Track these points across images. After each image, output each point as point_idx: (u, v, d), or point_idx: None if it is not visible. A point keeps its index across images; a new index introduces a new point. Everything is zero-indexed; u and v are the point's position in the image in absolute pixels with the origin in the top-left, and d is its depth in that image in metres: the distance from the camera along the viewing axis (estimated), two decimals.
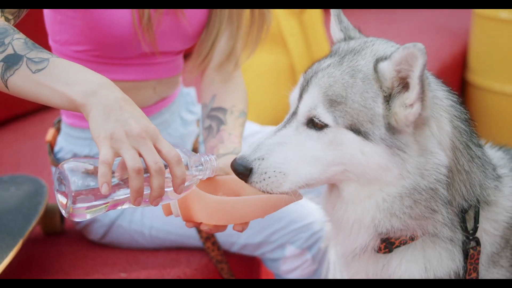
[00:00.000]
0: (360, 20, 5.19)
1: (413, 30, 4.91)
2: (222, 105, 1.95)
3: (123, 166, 1.31)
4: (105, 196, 1.31)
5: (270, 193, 1.47)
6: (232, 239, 2.04)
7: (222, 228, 1.52)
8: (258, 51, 2.08)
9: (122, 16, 1.83)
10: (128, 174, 1.29)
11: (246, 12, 2.00)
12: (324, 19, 3.13)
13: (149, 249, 2.09)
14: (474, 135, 1.56)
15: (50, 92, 1.36)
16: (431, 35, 4.70)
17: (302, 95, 1.50)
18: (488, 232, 1.55)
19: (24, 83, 1.38)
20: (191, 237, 2.04)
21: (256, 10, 1.99)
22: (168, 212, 1.48)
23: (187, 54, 2.11)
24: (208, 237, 2.02)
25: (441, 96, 1.51)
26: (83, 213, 1.33)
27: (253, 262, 2.26)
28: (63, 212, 1.34)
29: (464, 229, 1.52)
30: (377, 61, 1.46)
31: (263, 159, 1.47)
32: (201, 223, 1.48)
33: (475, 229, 1.52)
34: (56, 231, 2.18)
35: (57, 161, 2.05)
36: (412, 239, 1.51)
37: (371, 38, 1.58)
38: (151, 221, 2.04)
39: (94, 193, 1.31)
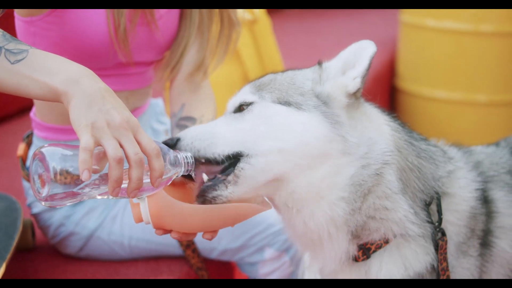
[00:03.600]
0: (287, 35, 5.30)
1: (341, 40, 5.03)
2: (191, 114, 1.97)
3: (101, 156, 1.31)
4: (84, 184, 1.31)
5: (204, 157, 1.48)
6: (212, 245, 2.05)
7: (192, 235, 1.52)
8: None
9: (98, 27, 1.83)
10: (106, 164, 1.30)
11: (216, 23, 2.03)
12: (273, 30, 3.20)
13: (128, 260, 2.08)
14: (412, 132, 1.63)
15: (30, 82, 1.36)
16: None
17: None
18: (452, 223, 1.61)
19: (3, 74, 1.38)
20: (171, 245, 2.05)
21: (226, 21, 2.02)
22: (139, 219, 1.47)
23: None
24: (188, 245, 2.04)
25: (371, 108, 1.60)
26: (61, 200, 1.31)
27: (229, 268, 2.28)
28: (41, 202, 1.31)
29: (430, 222, 1.57)
30: (320, 61, 1.58)
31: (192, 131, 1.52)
32: (171, 230, 1.48)
33: (440, 220, 1.58)
34: (28, 247, 2.14)
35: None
36: (386, 242, 1.55)
37: None
38: (131, 231, 2.04)
39: (73, 179, 1.30)
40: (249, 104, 1.49)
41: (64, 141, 1.99)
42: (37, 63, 1.37)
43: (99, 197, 1.36)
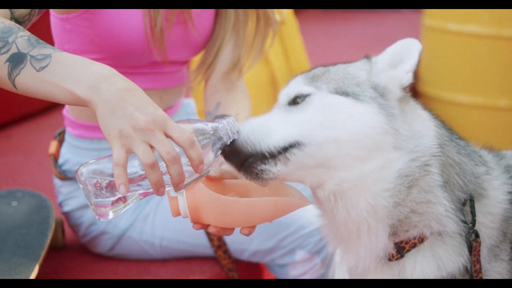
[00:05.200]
0: (308, 38, 5.30)
1: (362, 43, 5.03)
2: (226, 113, 1.96)
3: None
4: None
5: (260, 152, 1.43)
6: (243, 246, 2.04)
7: (230, 231, 1.48)
8: None
9: (134, 25, 1.83)
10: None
11: (252, 21, 2.02)
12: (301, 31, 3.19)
13: (159, 260, 2.08)
14: (451, 129, 1.62)
15: (56, 90, 1.36)
16: (380, 48, 4.81)
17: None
18: (485, 225, 1.58)
19: (31, 81, 1.38)
20: (202, 245, 2.04)
21: (262, 19, 2.01)
22: (176, 212, 1.43)
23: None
24: (220, 246, 2.02)
25: (416, 104, 1.58)
26: (106, 212, 1.34)
27: (259, 269, 2.27)
28: (108, 216, 1.34)
29: (465, 222, 1.55)
30: (367, 55, 1.57)
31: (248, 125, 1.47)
32: (208, 225, 1.44)
33: (474, 222, 1.56)
34: (58, 246, 2.14)
35: (63, 174, 2.02)
36: (421, 241, 1.53)
37: None
38: (162, 231, 2.03)
39: (113, 192, 1.32)
40: (305, 96, 1.47)
41: (98, 139, 1.99)
42: (60, 70, 1.36)
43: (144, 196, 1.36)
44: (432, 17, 4.38)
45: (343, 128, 1.43)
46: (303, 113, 1.45)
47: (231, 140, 1.42)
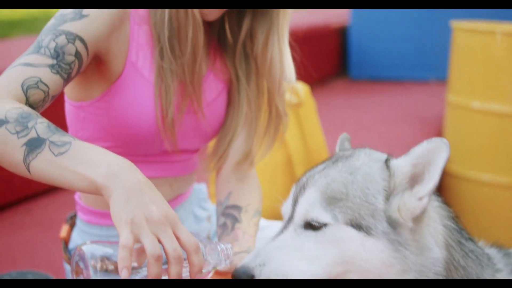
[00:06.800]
0: (332, 108, 5.35)
1: (386, 118, 5.04)
2: (237, 203, 1.98)
3: (141, 251, 1.33)
4: None
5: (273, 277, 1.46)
6: None
7: None
8: None
9: (146, 115, 1.86)
10: (145, 259, 1.32)
11: (264, 113, 2.04)
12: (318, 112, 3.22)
13: None
14: (463, 231, 1.60)
15: (72, 175, 1.39)
16: (404, 124, 4.84)
17: (298, 199, 1.52)
18: None
19: (46, 166, 1.41)
20: None
21: (274, 112, 2.04)
22: None
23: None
24: None
25: (430, 206, 1.55)
26: None
27: None
28: None
29: None
30: (388, 159, 1.51)
31: (264, 264, 1.47)
32: None
33: None
34: None
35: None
36: None
37: (358, 148, 1.65)
38: None
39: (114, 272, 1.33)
40: (322, 224, 1.47)
41: (107, 225, 2.00)
42: (79, 156, 1.40)
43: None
44: (456, 94, 4.39)
45: (352, 263, 1.45)
46: (318, 244, 1.46)
47: (226, 265, 1.48)
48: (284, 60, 1.99)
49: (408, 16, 6.55)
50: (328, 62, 6.72)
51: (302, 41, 2.14)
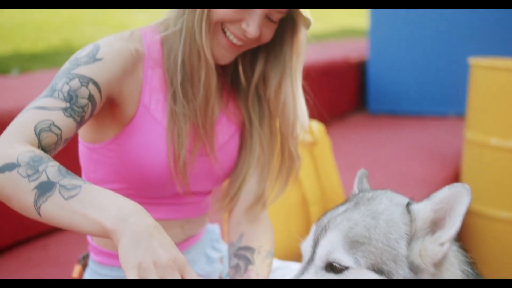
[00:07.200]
0: (351, 143, 5.34)
1: (404, 154, 5.02)
2: (250, 244, 1.98)
3: None
4: None
5: None
6: None
7: None
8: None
9: (158, 158, 1.87)
10: None
11: (277, 156, 2.05)
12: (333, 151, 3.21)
13: None
14: (479, 277, 1.59)
15: (81, 219, 1.40)
16: (422, 160, 4.82)
17: (319, 241, 1.51)
18: None
19: (56, 209, 1.42)
20: None
21: (286, 155, 2.04)
22: None
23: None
24: None
25: (446, 261, 1.54)
26: None
27: None
28: None
29: None
30: (409, 203, 1.51)
31: None
32: None
33: None
34: None
35: None
36: None
37: (379, 190, 1.64)
38: None
39: None
40: (343, 267, 1.45)
41: (118, 267, 2.01)
42: (89, 200, 1.41)
43: None
44: (474, 131, 4.37)
45: None
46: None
47: None
48: (297, 103, 1.99)
49: (426, 51, 6.56)
50: (347, 97, 6.73)
51: (321, 76, 2.16)
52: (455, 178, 4.62)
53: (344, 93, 6.65)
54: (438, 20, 6.46)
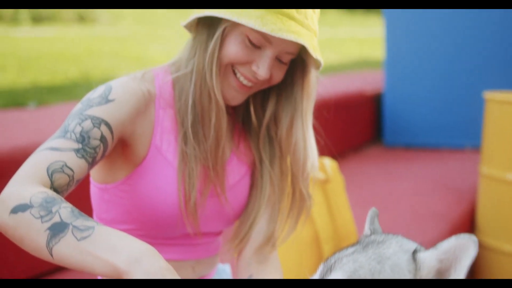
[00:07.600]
0: (366, 177, 5.32)
1: (420, 188, 5.00)
2: None
3: None
4: None
5: None
6: None
7: None
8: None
9: (169, 199, 1.88)
10: None
11: (287, 195, 2.05)
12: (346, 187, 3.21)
13: None
14: None
15: (94, 260, 1.40)
16: (437, 194, 4.79)
17: None
18: None
19: (69, 251, 1.42)
20: None
21: (297, 195, 2.04)
22: None
23: None
24: None
25: None
26: None
27: None
28: None
29: None
30: (415, 251, 1.50)
31: None
32: None
33: None
34: None
35: None
36: None
37: (391, 234, 1.63)
38: None
39: None
40: None
41: None
42: (102, 241, 1.42)
43: None
44: (490, 166, 4.35)
45: None
46: None
47: None
48: (307, 144, 2.00)
49: (442, 82, 6.55)
50: (362, 129, 6.73)
51: (337, 108, 2.15)
52: (471, 213, 4.59)
53: (359, 125, 6.65)
54: (454, 52, 6.46)
